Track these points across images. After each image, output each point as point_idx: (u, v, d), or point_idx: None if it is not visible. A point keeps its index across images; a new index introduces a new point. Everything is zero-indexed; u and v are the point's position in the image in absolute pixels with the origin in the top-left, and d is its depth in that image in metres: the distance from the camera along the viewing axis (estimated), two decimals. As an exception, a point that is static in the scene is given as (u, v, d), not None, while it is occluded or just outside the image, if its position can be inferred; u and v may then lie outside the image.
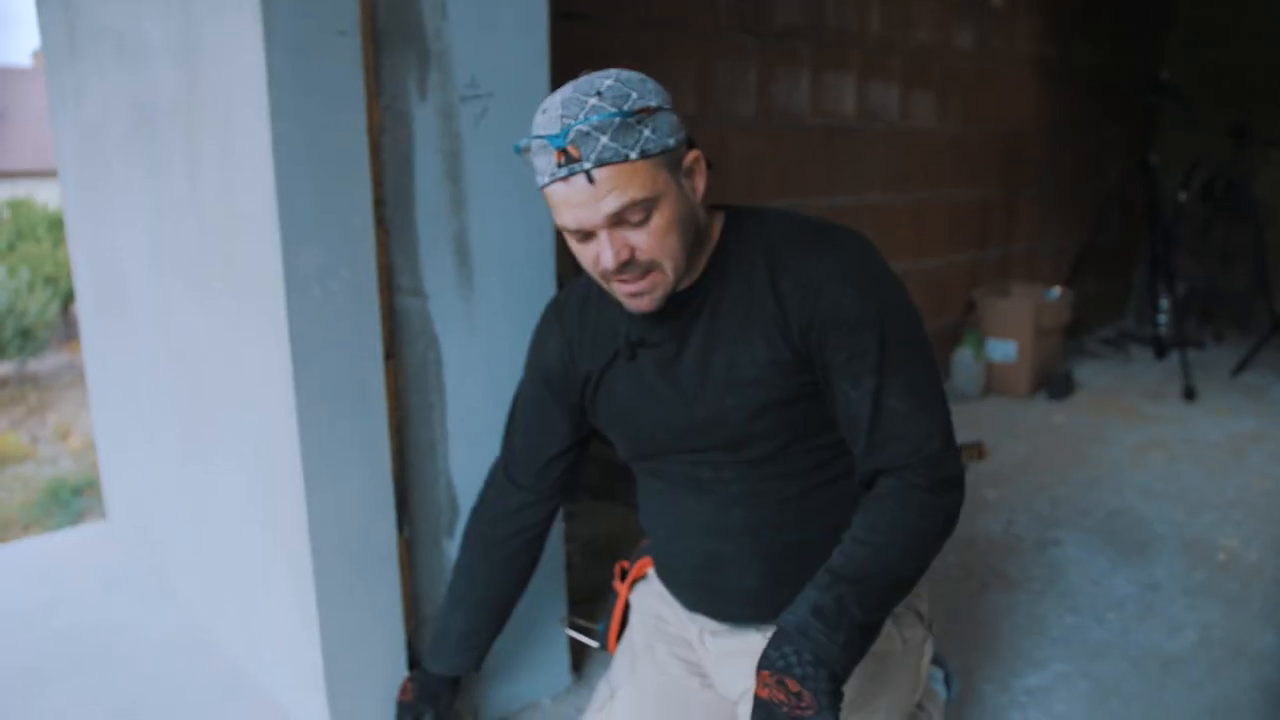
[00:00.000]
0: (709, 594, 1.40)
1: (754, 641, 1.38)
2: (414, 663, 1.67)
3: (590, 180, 1.11)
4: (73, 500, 8.14)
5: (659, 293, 1.20)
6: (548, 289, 1.72)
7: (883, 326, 1.19)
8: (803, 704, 1.06)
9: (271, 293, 1.44)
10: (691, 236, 1.21)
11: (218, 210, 1.58)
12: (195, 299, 1.76)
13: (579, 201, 1.13)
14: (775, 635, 1.12)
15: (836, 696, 1.08)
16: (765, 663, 1.10)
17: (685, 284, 1.26)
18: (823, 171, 3.58)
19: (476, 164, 1.61)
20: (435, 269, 1.60)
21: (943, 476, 1.20)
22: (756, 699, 1.10)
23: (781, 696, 1.07)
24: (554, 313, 1.44)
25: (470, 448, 1.69)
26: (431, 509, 1.68)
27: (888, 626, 1.35)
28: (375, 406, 1.54)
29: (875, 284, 1.21)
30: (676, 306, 1.26)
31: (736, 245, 1.26)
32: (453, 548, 1.70)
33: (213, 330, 1.71)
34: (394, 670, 1.64)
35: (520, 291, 1.70)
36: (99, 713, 1.74)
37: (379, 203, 1.51)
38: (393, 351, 1.57)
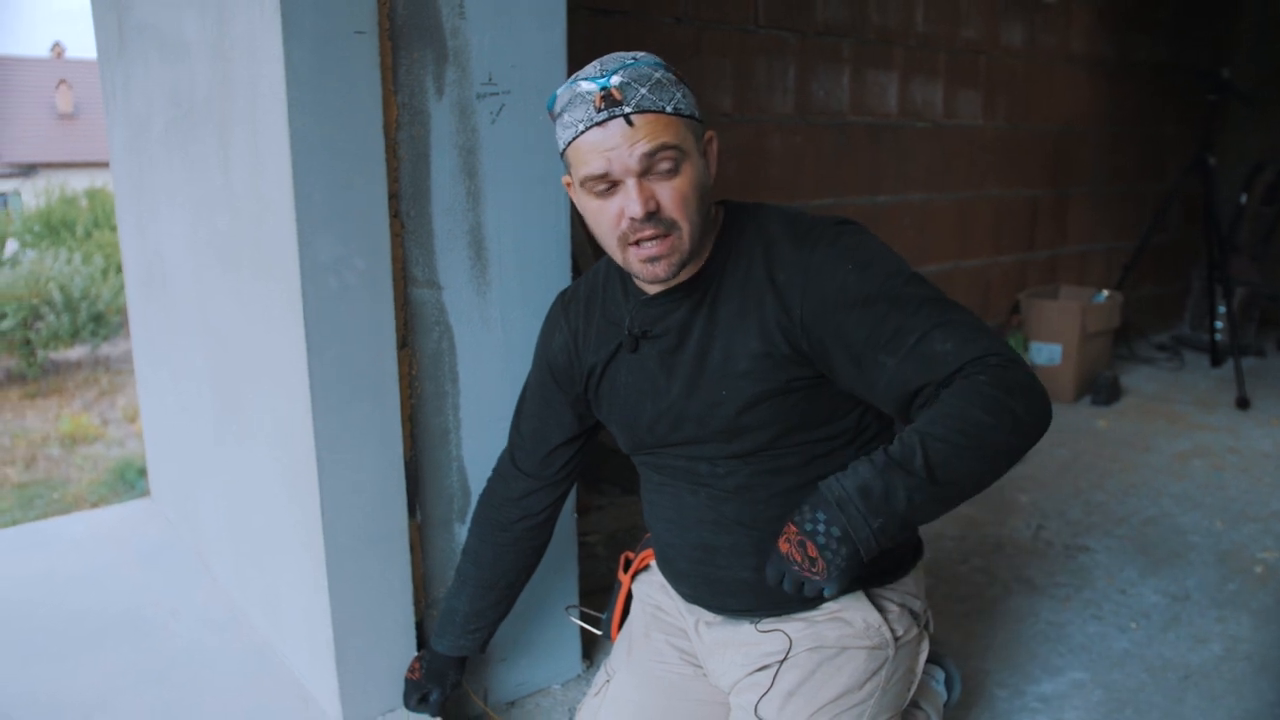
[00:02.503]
0: (706, 585, 1.42)
1: (746, 633, 1.41)
2: (423, 643, 1.72)
3: (629, 123, 1.16)
4: (138, 480, 8.44)
5: (675, 258, 1.22)
6: (562, 281, 1.75)
7: (892, 291, 1.18)
8: (815, 570, 1.09)
9: (289, 281, 1.49)
10: (706, 211, 1.25)
11: (246, 200, 1.65)
12: (228, 286, 1.82)
13: (613, 145, 1.17)
14: (814, 496, 1.12)
15: (849, 572, 1.09)
16: (797, 518, 1.12)
17: (689, 273, 1.28)
18: (864, 169, 3.56)
19: (493, 160, 1.65)
20: (450, 261, 1.64)
21: (1013, 376, 1.11)
22: (775, 550, 1.13)
23: (798, 556, 1.10)
24: (561, 305, 1.48)
25: (484, 436, 1.73)
26: (444, 494, 1.72)
27: (877, 622, 1.36)
28: (388, 393, 1.59)
29: (873, 257, 1.22)
30: (679, 296, 1.29)
31: (737, 238, 1.29)
32: (464, 532, 1.74)
33: (242, 317, 1.78)
34: (403, 649, 1.69)
35: (535, 284, 1.73)
36: (130, 680, 1.82)
37: (395, 196, 1.56)
38: (407, 341, 1.62)
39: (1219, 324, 4.61)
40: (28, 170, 20.70)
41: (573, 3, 1.70)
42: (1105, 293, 4.29)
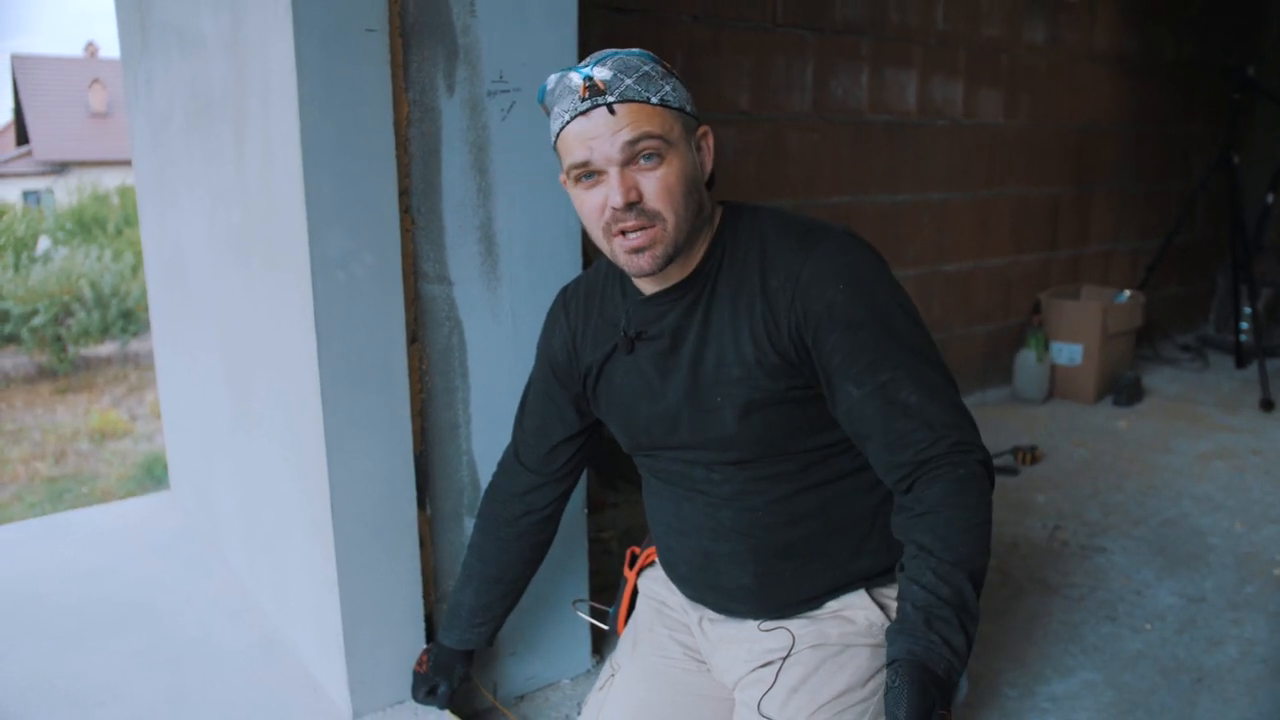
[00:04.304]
0: (707, 589, 1.43)
1: (749, 630, 1.41)
2: (433, 636, 1.74)
3: (612, 111, 1.16)
4: (165, 475, 8.56)
5: (659, 249, 1.21)
6: (572, 277, 1.76)
7: (877, 323, 1.19)
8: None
9: (299, 275, 1.51)
10: (695, 205, 1.23)
11: (259, 194, 1.67)
12: (241, 280, 1.85)
13: (596, 134, 1.17)
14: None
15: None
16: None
17: (682, 274, 1.28)
18: (882, 168, 3.55)
19: (503, 156, 1.66)
20: (461, 257, 1.66)
21: (981, 460, 1.18)
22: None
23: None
24: (562, 302, 1.48)
25: (493, 430, 1.74)
26: (454, 488, 1.74)
27: (880, 620, 1.35)
28: (398, 387, 1.61)
29: (865, 281, 1.21)
30: (674, 298, 1.29)
31: (732, 240, 1.28)
32: (473, 526, 1.76)
33: (254, 310, 1.80)
34: (412, 642, 1.71)
35: (545, 280, 1.74)
36: (143, 667, 1.85)
37: (405, 192, 1.57)
38: (417, 335, 1.64)
39: (1244, 325, 4.55)
40: (61, 168, 21.01)
41: (590, 1, 1.70)
42: (1127, 293, 4.25)
